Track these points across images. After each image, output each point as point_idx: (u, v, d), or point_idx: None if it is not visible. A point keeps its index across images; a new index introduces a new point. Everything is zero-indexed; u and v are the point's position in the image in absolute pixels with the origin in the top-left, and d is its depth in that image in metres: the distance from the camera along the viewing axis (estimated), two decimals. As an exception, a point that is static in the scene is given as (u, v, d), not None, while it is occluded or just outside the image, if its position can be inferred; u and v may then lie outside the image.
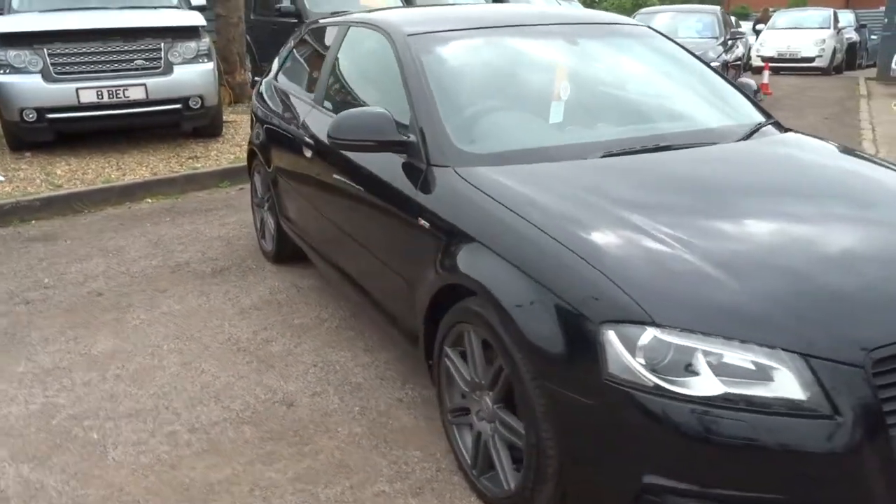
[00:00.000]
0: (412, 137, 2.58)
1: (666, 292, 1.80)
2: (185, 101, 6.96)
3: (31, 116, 6.40)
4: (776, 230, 2.08)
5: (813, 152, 2.75)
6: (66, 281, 4.24)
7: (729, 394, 1.67)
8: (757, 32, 17.35)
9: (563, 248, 1.95)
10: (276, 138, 4.02)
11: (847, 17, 19.04)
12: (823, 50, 16.16)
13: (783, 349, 1.69)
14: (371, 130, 2.56)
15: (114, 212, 5.70)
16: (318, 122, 3.39)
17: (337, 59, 3.49)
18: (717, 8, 11.88)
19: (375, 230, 2.84)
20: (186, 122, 7.22)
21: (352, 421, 2.78)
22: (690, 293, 1.80)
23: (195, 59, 7.03)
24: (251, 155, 4.53)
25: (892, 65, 12.53)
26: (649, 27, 3.47)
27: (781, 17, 18.21)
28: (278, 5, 10.75)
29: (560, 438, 1.90)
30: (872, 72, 17.66)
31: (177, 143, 7.49)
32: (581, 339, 1.82)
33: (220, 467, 2.53)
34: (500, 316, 2.02)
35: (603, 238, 1.98)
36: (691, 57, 3.34)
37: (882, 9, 26.90)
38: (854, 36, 18.86)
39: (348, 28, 3.50)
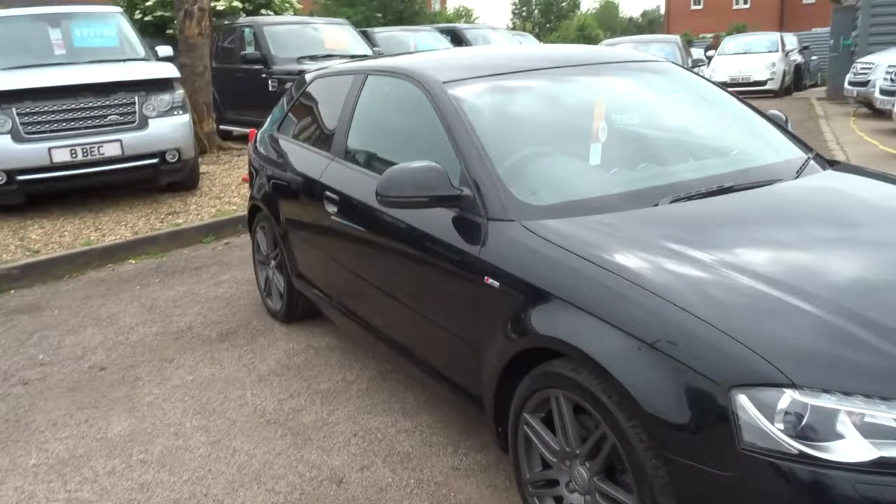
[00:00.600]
0: (466, 191, 2.44)
1: (798, 350, 1.68)
2: (161, 155, 6.73)
3: (1, 179, 6.09)
4: (886, 274, 1.99)
5: (881, 186, 2.68)
6: (62, 356, 3.95)
7: (883, 458, 1.55)
8: (709, 59, 17.79)
9: (672, 305, 1.82)
10: (286, 193, 3.84)
11: (791, 40, 19.67)
12: (774, 73, 16.63)
13: (930, 404, 1.58)
14: (423, 186, 2.41)
15: (97, 275, 5.41)
16: (342, 175, 3.24)
17: (355, 109, 3.34)
18: (677, 37, 12.11)
19: (423, 288, 2.68)
20: (163, 177, 6.98)
21: (411, 496, 2.59)
22: (823, 350, 1.68)
23: (170, 111, 6.82)
24: (253, 210, 4.33)
25: (846, 84, 12.90)
26: (672, 62, 3.42)
27: (730, 43, 18.73)
28: (243, 53, 10.61)
29: (685, 511, 1.76)
30: (819, 91, 18.28)
31: (152, 198, 7.22)
32: (707, 405, 1.69)
33: (281, 561, 2.31)
34: (602, 381, 1.88)
35: (712, 293, 1.85)
36: (720, 90, 3.30)
37: (815, 30, 28.09)
38: (799, 58, 19.48)
39: (366, 77, 3.36)
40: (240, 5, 14.31)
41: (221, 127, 10.70)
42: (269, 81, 10.19)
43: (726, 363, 1.69)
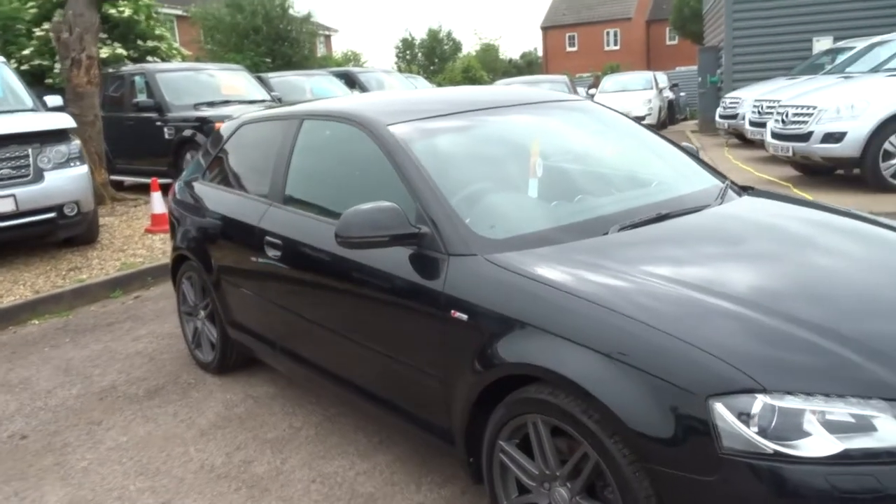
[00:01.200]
0: (424, 229, 2.51)
1: (762, 358, 1.83)
2: (59, 208, 6.42)
3: None
4: (823, 285, 2.19)
5: (795, 208, 2.95)
6: (-25, 427, 3.68)
7: (847, 450, 1.71)
8: (591, 96, 18.74)
9: (643, 324, 1.94)
10: (218, 240, 3.78)
11: (662, 78, 21.03)
12: (651, 108, 17.70)
13: (879, 398, 1.76)
14: (382, 226, 2.46)
15: (-2, 339, 5.08)
16: (284, 220, 3.23)
17: (292, 154, 3.35)
18: (564, 77, 12.72)
19: (383, 326, 2.70)
20: (62, 231, 6.64)
21: (382, 536, 2.58)
22: (783, 353, 1.85)
23: (67, 163, 6.54)
24: (178, 260, 4.21)
25: (717, 118, 13.91)
26: (592, 100, 3.65)
27: (608, 82, 19.83)
28: (135, 101, 10.33)
29: (670, 520, 1.86)
30: (691, 125, 19.59)
31: (49, 254, 6.85)
32: (686, 416, 1.81)
33: None
34: (583, 401, 1.98)
35: (677, 310, 1.99)
36: (637, 125, 3.54)
37: (679, 68, 30.14)
38: (670, 94, 20.83)
39: (301, 121, 3.38)
40: (124, 52, 13.92)
41: (112, 178, 10.30)
42: (165, 129, 9.95)
43: (702, 375, 1.82)
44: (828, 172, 9.29)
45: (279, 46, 22.31)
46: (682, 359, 1.86)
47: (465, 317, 2.33)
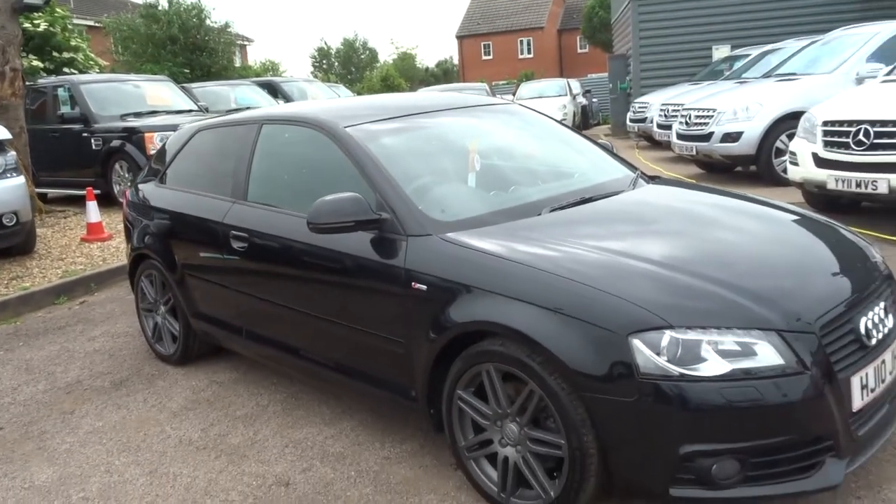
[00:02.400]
0: (385, 215, 2.91)
1: (668, 301, 2.31)
2: (-3, 218, 6.48)
3: None
4: (714, 247, 2.70)
5: (692, 191, 3.50)
6: (-52, 423, 3.85)
7: (734, 370, 2.21)
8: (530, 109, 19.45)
9: (577, 283, 2.39)
10: (180, 237, 4.06)
11: (575, 85, 21.97)
12: (566, 114, 18.50)
13: (758, 328, 2.26)
14: (348, 213, 2.84)
15: (-52, 346, 5.16)
16: (249, 215, 3.56)
17: (253, 156, 3.68)
18: (484, 84, 13.29)
19: (350, 303, 3.07)
20: (1, 242, 6.68)
21: (355, 485, 2.95)
22: (684, 298, 2.33)
23: (3, 173, 6.61)
24: (137, 260, 4.46)
25: (628, 122, 14.77)
26: (520, 104, 4.13)
27: (525, 88, 20.61)
28: (60, 112, 10.29)
29: (602, 437, 2.31)
30: (604, 129, 20.57)
31: (-14, 265, 6.87)
32: (612, 351, 2.27)
33: (257, 552, 2.59)
34: (528, 348, 2.41)
35: (601, 270, 2.45)
36: (559, 125, 4.03)
37: (590, 75, 31.40)
38: (583, 100, 21.77)
39: (261, 126, 3.72)
40: (40, 65, 13.73)
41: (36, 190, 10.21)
42: (93, 140, 9.96)
43: (623, 318, 2.28)
44: (728, 169, 10.13)
45: (197, 57, 22.17)
46: (607, 307, 2.32)
47: (424, 287, 2.73)
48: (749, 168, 9.51)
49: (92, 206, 7.90)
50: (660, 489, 2.29)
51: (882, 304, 2.58)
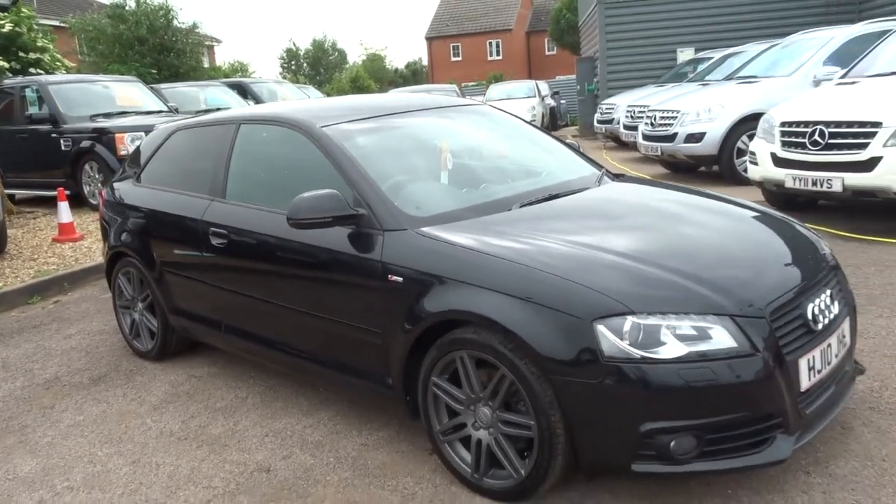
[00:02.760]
0: (361, 211, 3.03)
1: (630, 289, 2.46)
2: (-32, 219, 6.47)
3: None
4: (674, 240, 2.86)
5: (654, 188, 3.67)
6: (-73, 419, 3.88)
7: (690, 353, 2.37)
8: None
9: (544, 273, 2.54)
10: (159, 235, 4.14)
11: (544, 87, 22.25)
12: (535, 115, 18.76)
13: (712, 314, 2.43)
14: (326, 209, 2.96)
15: (-79, 345, 5.16)
16: (228, 212, 3.66)
17: (231, 155, 3.78)
18: (454, 86, 13.44)
19: (329, 296, 3.19)
20: (-29, 242, 6.67)
21: (334, 470, 3.07)
22: (645, 287, 2.49)
23: (-26, 174, 6.58)
24: (115, 258, 4.52)
25: (595, 122, 15.03)
26: (491, 105, 4.27)
27: (494, 90, 20.84)
28: (28, 113, 10.22)
29: (568, 417, 2.46)
30: (573, 130, 20.85)
31: (-44, 265, 6.85)
32: (578, 337, 2.42)
33: (241, 534, 2.69)
34: (500, 335, 2.55)
35: (568, 261, 2.60)
36: (528, 125, 4.19)
37: (558, 77, 31.77)
38: (552, 102, 22.07)
39: (238, 126, 3.82)
40: (6, 65, 13.57)
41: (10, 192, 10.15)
42: (62, 141, 9.92)
43: (587, 305, 2.43)
44: (692, 169, 10.41)
45: (165, 57, 22.02)
46: (573, 295, 2.46)
47: (400, 279, 2.86)
48: (712, 168, 9.78)
49: (63, 206, 7.90)
50: (623, 465, 2.45)
51: (828, 292, 2.77)
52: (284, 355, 3.54)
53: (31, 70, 14.00)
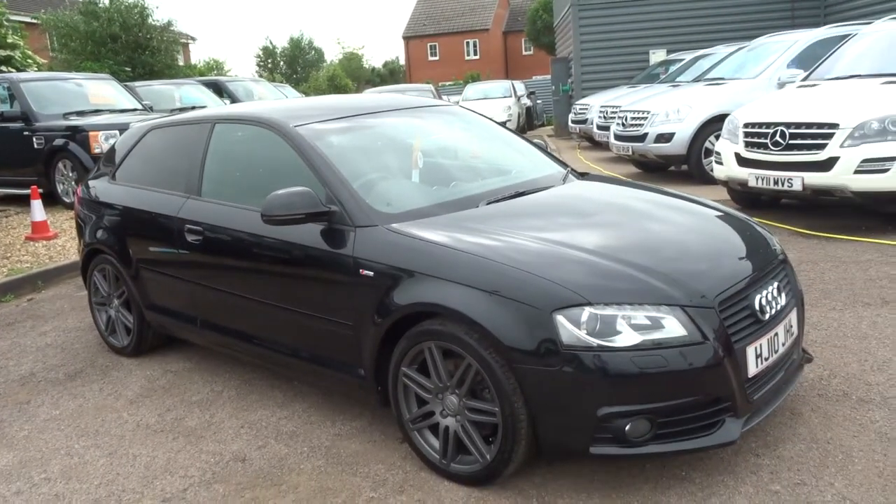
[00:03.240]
0: (333, 208, 3.14)
1: (588, 282, 2.60)
2: (-59, 216, 6.46)
3: None
4: (629, 235, 3.01)
5: (616, 186, 3.81)
6: None
7: (644, 341, 2.51)
8: (456, 104, 19.77)
9: (508, 266, 2.67)
10: (134, 232, 4.21)
11: (520, 87, 22.44)
12: (511, 115, 18.94)
13: (665, 304, 2.57)
14: (300, 206, 3.07)
15: None
16: (203, 210, 3.75)
17: (206, 153, 3.87)
18: (430, 85, 13.56)
19: (302, 290, 3.29)
20: (-56, 240, 6.66)
21: (308, 459, 3.17)
22: (602, 279, 2.63)
23: (-53, 171, 6.58)
24: (90, 255, 4.58)
25: (569, 122, 15.22)
26: (461, 106, 4.40)
27: (471, 90, 21.00)
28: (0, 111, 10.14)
29: (530, 404, 2.59)
30: (548, 129, 21.05)
31: (-71, 263, 6.83)
32: (538, 327, 2.55)
33: (217, 519, 2.79)
34: (465, 326, 2.67)
35: (530, 256, 2.73)
36: (496, 125, 4.32)
37: (535, 78, 32.00)
38: (528, 102, 22.26)
39: (213, 125, 3.91)
40: (-24, 62, 13.47)
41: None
42: (35, 139, 9.88)
43: (547, 296, 2.56)
44: (662, 169, 10.62)
45: (139, 55, 21.90)
46: (534, 287, 2.59)
47: (371, 273, 2.98)
48: (681, 167, 9.99)
49: (37, 204, 7.90)
50: (581, 448, 2.59)
51: (776, 284, 2.93)
52: (259, 349, 3.63)
53: (2, 67, 13.91)
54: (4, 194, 10.76)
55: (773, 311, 2.85)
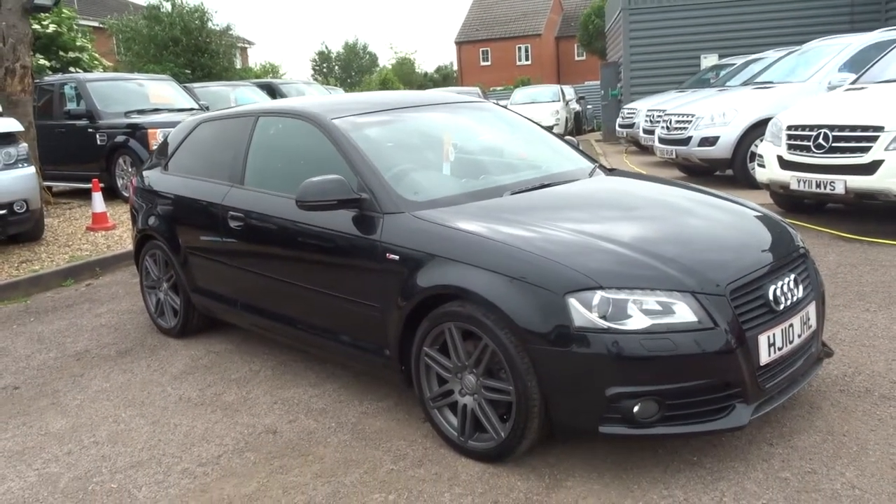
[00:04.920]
0: (364, 195, 3.31)
1: (601, 267, 2.70)
2: (9, 206, 6.88)
3: None
4: (647, 224, 3.10)
5: (640, 181, 3.90)
6: (-31, 383, 4.23)
7: (654, 325, 2.60)
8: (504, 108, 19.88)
9: (526, 252, 2.79)
10: (183, 219, 4.46)
11: (570, 91, 22.43)
12: (558, 119, 18.97)
13: (676, 291, 2.66)
14: (333, 192, 3.24)
15: (-36, 321, 5.54)
16: (246, 197, 3.96)
17: (250, 145, 4.09)
18: (476, 88, 13.70)
19: (334, 274, 3.46)
20: (11, 228, 7.08)
21: (335, 433, 3.34)
22: (615, 265, 2.73)
23: (15, 164, 7.01)
24: (143, 241, 4.85)
25: (617, 127, 15.19)
26: (495, 102, 4.53)
27: (519, 94, 21.07)
28: (67, 109, 10.67)
29: (543, 382, 2.70)
30: (597, 135, 20.97)
31: (-3, 250, 7.26)
32: (552, 309, 2.66)
33: (247, 483, 2.97)
34: (483, 307, 2.80)
35: (548, 242, 2.84)
36: (527, 121, 4.44)
37: (587, 83, 31.88)
38: (577, 107, 22.23)
39: (257, 118, 4.13)
40: (47, 63, 14.12)
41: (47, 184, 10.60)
42: (98, 136, 10.35)
43: (561, 280, 2.67)
44: (707, 172, 10.54)
45: (199, 58, 22.60)
46: (549, 272, 2.71)
47: (396, 257, 3.13)
48: (726, 171, 9.91)
49: (97, 196, 8.30)
50: (591, 427, 2.68)
51: (792, 276, 2.98)
52: (294, 330, 3.82)
53: (71, 68, 14.57)
54: (69, 188, 11.29)
55: (789, 303, 2.90)
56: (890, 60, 7.31)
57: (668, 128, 10.21)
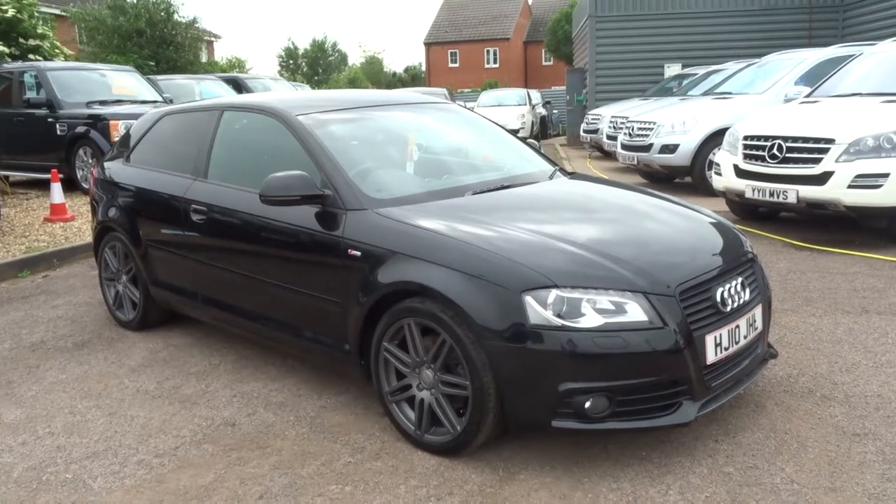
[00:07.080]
0: (328, 192, 3.34)
1: (557, 266, 2.79)
2: (-36, 194, 6.74)
3: None
4: (603, 227, 3.20)
5: (599, 185, 4.00)
6: (-80, 372, 4.16)
7: (606, 323, 2.69)
8: (469, 110, 19.99)
9: (484, 250, 2.86)
10: (144, 211, 4.44)
11: (536, 96, 22.63)
12: (524, 123, 19.14)
13: (629, 291, 2.75)
14: (296, 188, 3.27)
15: (-86, 310, 5.43)
16: (209, 191, 3.97)
17: (214, 138, 4.09)
18: (444, 89, 13.77)
19: (296, 269, 3.50)
20: (-34, 217, 6.94)
21: (293, 426, 3.37)
22: (570, 265, 2.81)
23: (-29, 151, 6.86)
24: (102, 232, 4.81)
25: (581, 132, 15.39)
26: (459, 103, 4.59)
27: (486, 97, 21.21)
28: (26, 97, 10.47)
29: (498, 378, 2.77)
30: (562, 139, 21.21)
31: (-50, 239, 7.11)
32: (508, 306, 2.73)
33: (203, 474, 2.99)
34: (442, 304, 2.86)
35: (507, 241, 2.92)
36: (491, 123, 4.52)
37: (553, 88, 32.18)
38: (543, 111, 22.44)
39: (222, 113, 4.13)
40: (6, 50, 13.82)
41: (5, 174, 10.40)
42: (57, 125, 10.18)
43: (518, 278, 2.75)
44: (668, 179, 10.76)
45: (163, 50, 22.28)
46: (506, 270, 2.78)
47: (358, 253, 3.17)
48: (685, 179, 10.13)
49: (56, 187, 8.18)
50: (544, 422, 2.76)
51: (740, 280, 3.10)
52: (254, 324, 3.84)
53: (31, 56, 14.26)
54: (27, 178, 11.08)
55: (736, 305, 3.01)
56: (843, 76, 7.57)
57: (630, 134, 10.40)
